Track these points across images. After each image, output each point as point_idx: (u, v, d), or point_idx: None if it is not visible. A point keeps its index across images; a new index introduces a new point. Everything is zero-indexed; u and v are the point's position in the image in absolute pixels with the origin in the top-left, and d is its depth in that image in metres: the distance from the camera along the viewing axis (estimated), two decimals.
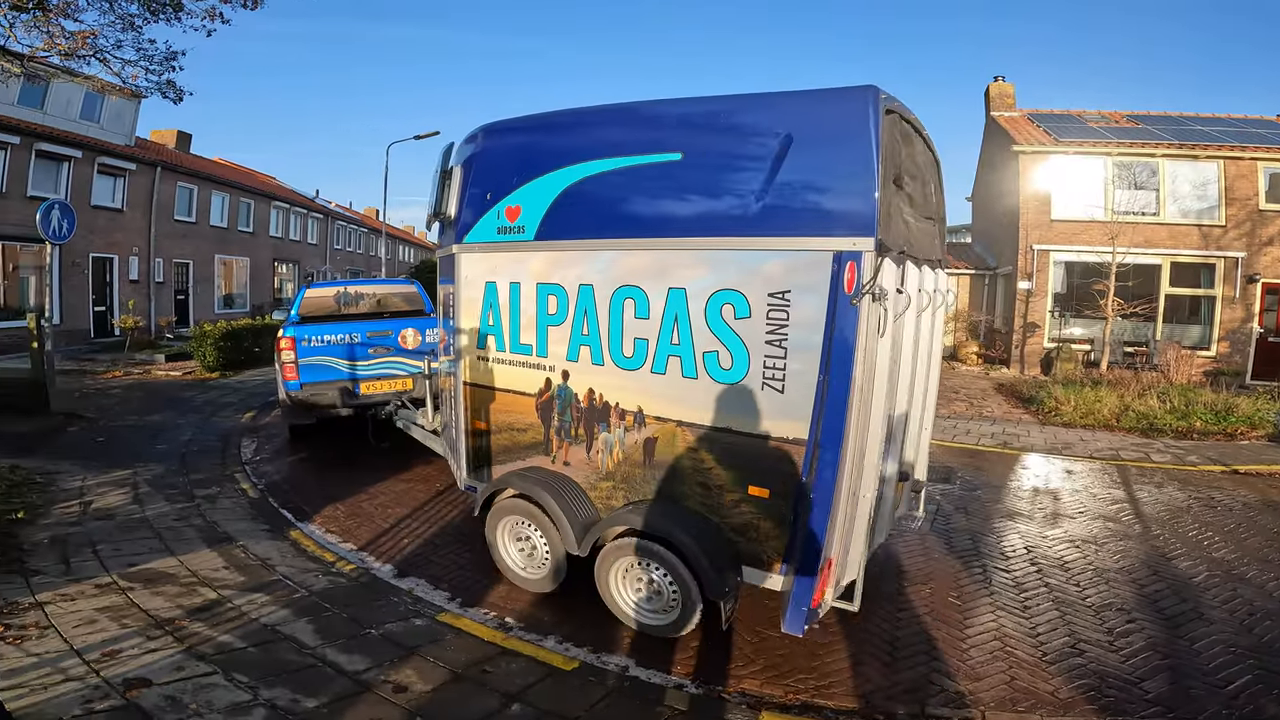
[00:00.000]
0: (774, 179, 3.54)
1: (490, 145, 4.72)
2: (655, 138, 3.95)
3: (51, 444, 8.32)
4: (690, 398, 3.86)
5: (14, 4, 8.92)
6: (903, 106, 3.82)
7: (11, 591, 4.21)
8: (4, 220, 16.57)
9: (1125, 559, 5.53)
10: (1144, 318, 16.68)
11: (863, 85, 3.42)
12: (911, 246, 3.91)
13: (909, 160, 3.97)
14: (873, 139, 3.33)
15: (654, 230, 3.93)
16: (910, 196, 3.99)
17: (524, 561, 4.81)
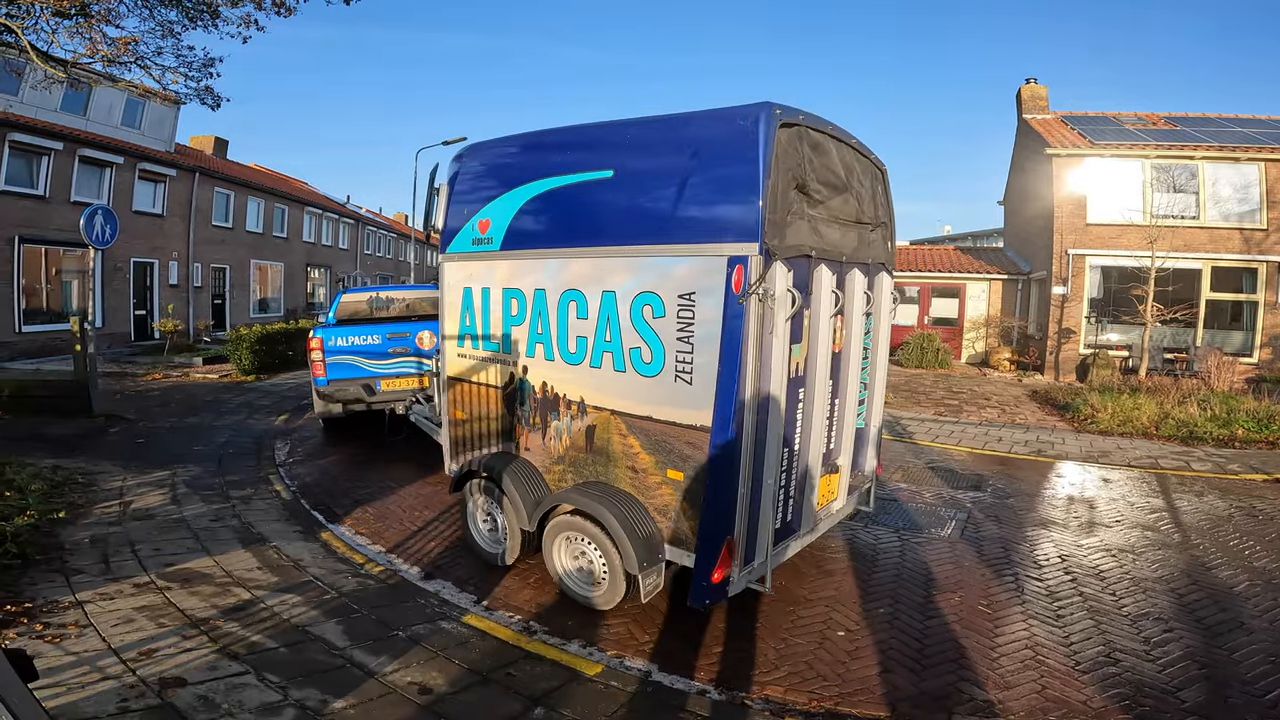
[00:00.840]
0: (683, 192, 3.94)
1: (468, 165, 5.26)
2: (593, 158, 4.42)
3: (93, 445, 8.55)
4: (620, 389, 4.28)
5: (57, 10, 9.19)
6: (814, 120, 4.17)
7: (52, 591, 4.33)
8: (48, 225, 17.06)
9: (1163, 568, 5.42)
10: (1184, 323, 16.30)
11: (757, 103, 3.77)
12: (829, 250, 4.29)
13: (824, 170, 4.27)
14: (760, 153, 3.67)
15: (592, 240, 4.39)
16: (826, 204, 4.30)
17: (488, 538, 5.33)
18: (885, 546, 5.75)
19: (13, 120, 16.02)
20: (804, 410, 4.38)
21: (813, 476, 4.52)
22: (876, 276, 5.06)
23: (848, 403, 4.86)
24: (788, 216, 3.87)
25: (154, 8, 10.43)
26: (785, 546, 4.43)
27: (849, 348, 4.75)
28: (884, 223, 5.17)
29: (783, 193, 3.81)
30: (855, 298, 4.71)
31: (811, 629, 4.33)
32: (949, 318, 21.65)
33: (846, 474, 5.03)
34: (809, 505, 4.55)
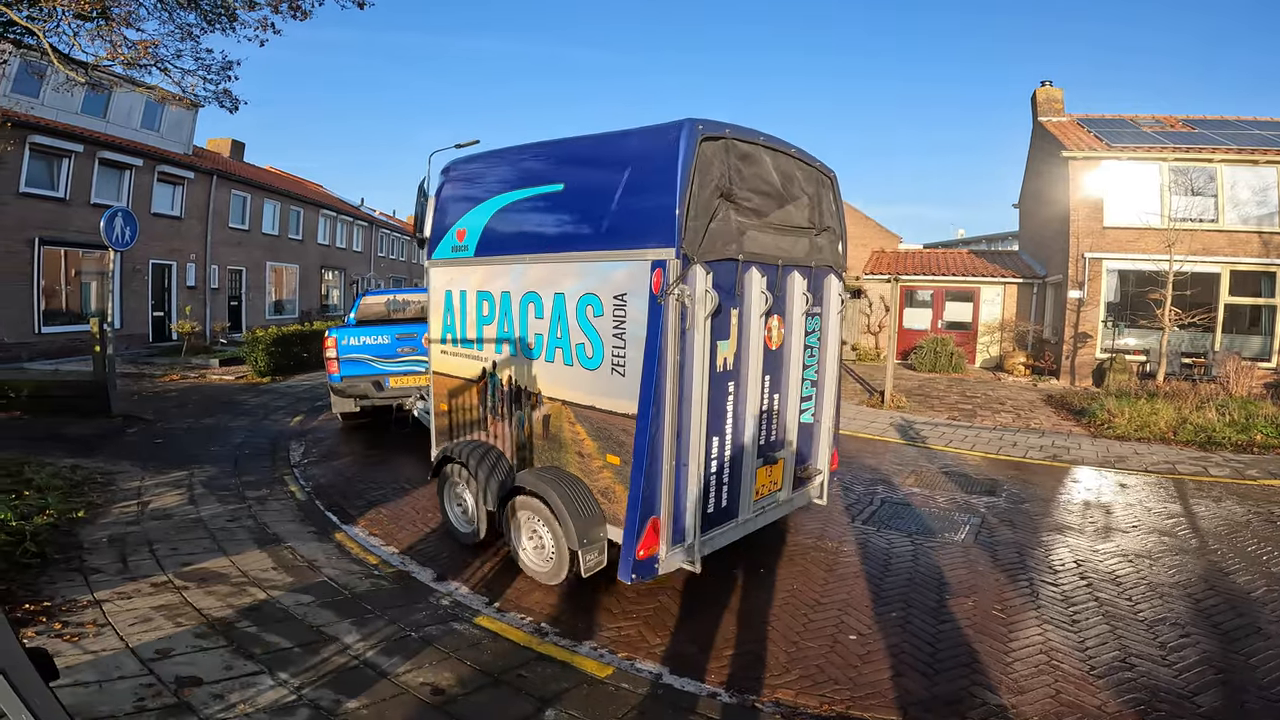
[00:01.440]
0: (618, 202, 4.34)
1: (450, 179, 5.75)
2: (547, 173, 4.93)
3: (112, 444, 8.65)
4: (569, 381, 4.70)
5: (79, 13, 9.32)
6: (743, 131, 4.52)
7: (71, 589, 4.39)
8: (68, 227, 17.28)
9: (1181, 573, 5.38)
10: (1202, 328, 16.12)
11: (679, 120, 4.13)
12: (761, 254, 4.64)
13: (755, 178, 4.61)
14: (678, 166, 4.03)
15: (547, 247, 4.82)
16: (758, 210, 4.64)
17: (460, 518, 5.76)
18: (898, 551, 5.73)
19: (33, 122, 16.22)
20: (735, 402, 4.68)
21: (748, 466, 4.84)
22: (824, 279, 5.46)
23: (789, 398, 5.21)
24: (710, 223, 4.21)
25: (173, 10, 10.57)
26: (723, 531, 4.74)
27: (789, 346, 5.11)
28: (830, 228, 5.47)
29: (705, 201, 4.17)
30: (794, 299, 5.05)
31: (823, 632, 4.32)
32: (963, 322, 21.52)
33: (791, 466, 5.35)
34: (746, 493, 4.87)
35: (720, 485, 4.68)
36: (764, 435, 5.03)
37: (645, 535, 4.14)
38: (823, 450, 5.74)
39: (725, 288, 4.35)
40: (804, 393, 5.39)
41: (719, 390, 4.49)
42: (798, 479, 5.50)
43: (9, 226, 15.53)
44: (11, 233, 15.51)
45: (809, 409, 5.51)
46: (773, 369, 5.00)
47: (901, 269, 22.25)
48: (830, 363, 5.65)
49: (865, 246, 35.87)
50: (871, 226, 39.19)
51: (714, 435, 4.51)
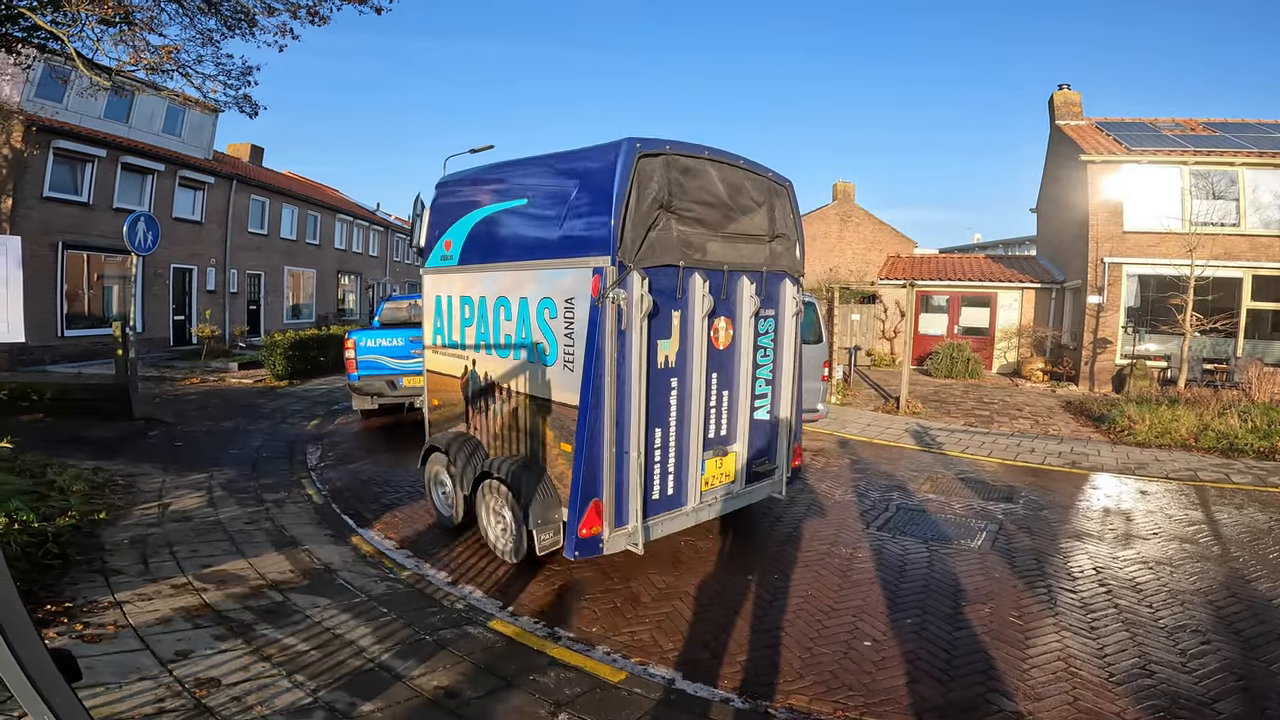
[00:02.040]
0: (569, 215, 4.79)
1: (441, 194, 6.33)
2: (514, 189, 5.43)
3: (133, 447, 8.76)
4: (532, 377, 5.14)
5: (102, 18, 9.47)
6: (686, 147, 4.88)
7: (92, 590, 4.44)
8: (91, 231, 17.51)
9: (1201, 580, 5.32)
10: (1224, 333, 15.92)
11: (620, 140, 4.53)
12: (704, 260, 4.99)
13: (698, 190, 4.97)
14: (614, 182, 4.44)
15: (515, 256, 5.30)
16: (701, 220, 4.99)
17: (443, 502, 6.20)
18: (913, 557, 5.69)
19: (57, 127, 16.47)
20: (678, 397, 5.03)
21: (694, 457, 5.19)
22: (778, 284, 5.81)
23: (740, 395, 5.54)
24: (649, 233, 4.61)
25: (194, 15, 10.73)
26: (672, 518, 5.14)
27: (738, 346, 5.46)
28: (784, 234, 5.77)
29: (644, 213, 4.57)
30: (743, 302, 5.41)
31: (837, 638, 4.31)
32: (980, 327, 21.36)
33: (743, 460, 5.66)
34: (694, 483, 5.23)
35: (665, 474, 5.04)
36: (713, 429, 5.38)
37: (587, 515, 4.55)
38: (782, 447, 6.05)
39: (666, 291, 4.78)
40: (758, 391, 5.75)
41: (661, 385, 4.88)
42: (754, 473, 5.82)
43: (33, 231, 15.75)
44: (35, 237, 15.72)
45: (764, 406, 5.86)
46: (721, 367, 5.36)
47: (917, 274, 22.13)
48: (787, 363, 5.97)
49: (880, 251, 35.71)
50: (886, 231, 38.99)
51: (656, 427, 4.89)
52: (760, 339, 5.65)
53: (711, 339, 5.19)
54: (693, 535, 6.08)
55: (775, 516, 6.68)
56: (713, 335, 5.21)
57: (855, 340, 21.26)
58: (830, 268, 33.62)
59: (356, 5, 10.81)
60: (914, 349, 18.60)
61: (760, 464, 5.87)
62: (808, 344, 10.27)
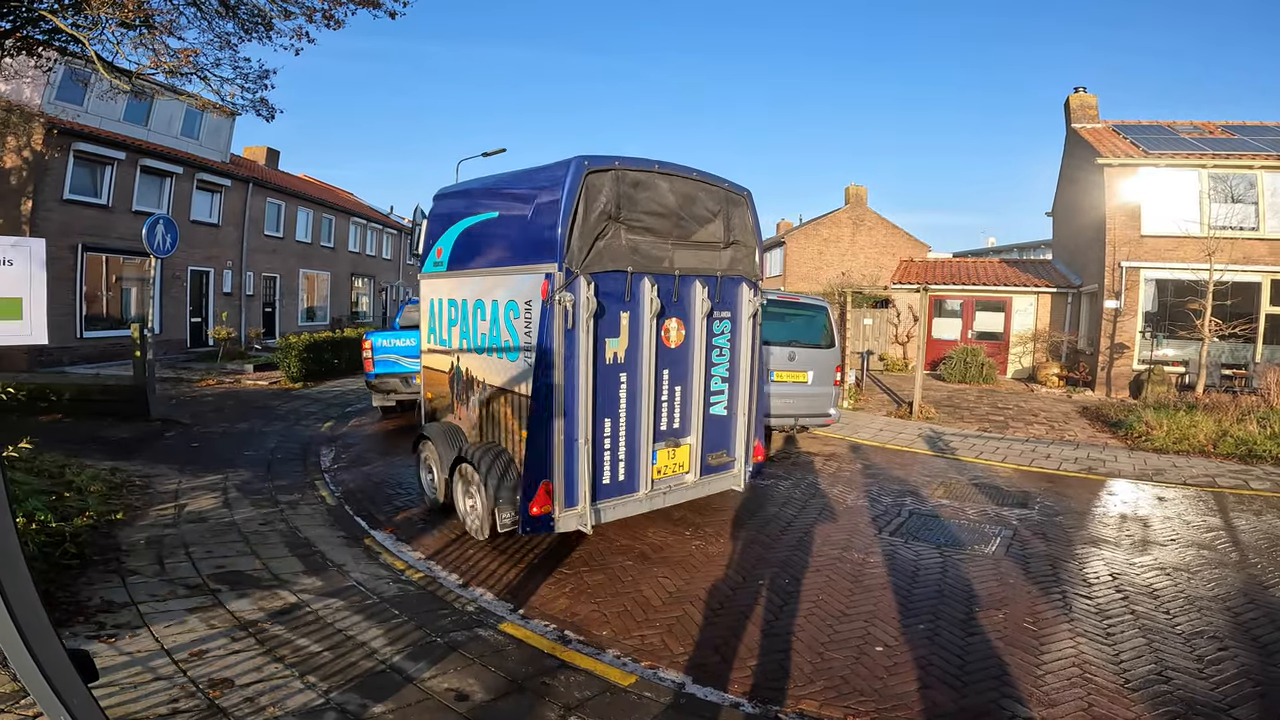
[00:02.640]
0: (527, 226, 5.27)
1: (436, 204, 6.94)
2: (488, 203, 6.00)
3: (150, 448, 8.85)
4: (500, 370, 5.68)
5: (122, 21, 9.58)
6: (636, 162, 5.31)
7: (109, 591, 4.49)
8: (110, 233, 17.73)
9: (1219, 587, 5.27)
10: (1243, 339, 15.74)
11: (570, 158, 4.99)
12: (654, 266, 5.42)
13: (648, 201, 5.39)
14: (563, 197, 4.92)
15: (488, 263, 5.89)
16: (651, 228, 5.41)
17: (430, 485, 6.75)
18: (926, 563, 5.66)
19: (78, 130, 16.67)
20: (627, 390, 5.41)
21: (644, 447, 5.58)
22: (735, 288, 6.17)
23: (694, 390, 5.90)
24: (596, 242, 5.06)
25: (212, 19, 10.84)
26: (624, 502, 5.54)
27: (691, 345, 5.84)
28: (740, 241, 6.13)
29: (592, 224, 5.02)
30: (695, 304, 5.80)
31: (849, 643, 4.29)
32: (994, 332, 21.22)
33: (698, 452, 6.02)
34: (645, 471, 5.62)
35: (617, 461, 5.45)
36: (665, 422, 5.78)
37: (538, 495, 4.99)
38: (739, 441, 6.38)
39: (614, 294, 5.22)
40: (714, 387, 6.12)
41: (610, 379, 5.29)
42: (710, 466, 6.18)
43: (53, 233, 15.96)
44: (55, 239, 15.92)
45: (720, 402, 6.20)
46: (673, 364, 5.75)
47: (930, 278, 22.02)
48: (745, 361, 6.31)
49: (893, 255, 35.59)
50: (900, 235, 38.85)
51: (606, 417, 5.30)
52: (715, 339, 6.05)
53: (662, 338, 5.62)
54: (704, 540, 6.08)
55: (786, 521, 6.66)
56: (664, 335, 5.64)
57: (868, 345, 21.17)
58: (843, 271, 33.53)
59: (370, 9, 10.88)
60: (927, 354, 18.49)
61: (717, 457, 6.25)
62: (820, 349, 10.27)
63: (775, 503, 7.26)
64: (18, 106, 15.22)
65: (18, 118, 14.98)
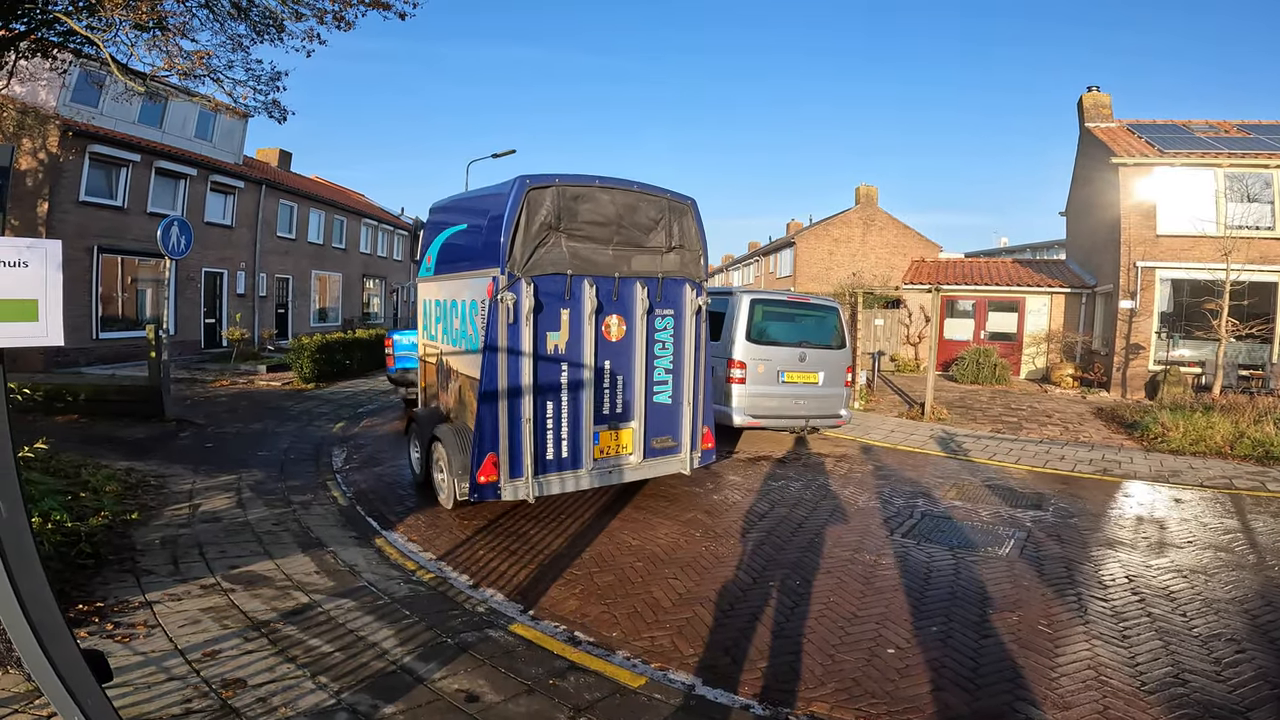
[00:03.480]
0: (483, 236, 6.12)
1: (430, 218, 7.86)
2: (460, 216, 6.98)
3: (165, 448, 8.93)
4: (466, 359, 6.50)
5: (136, 23, 9.65)
6: (576, 178, 6.07)
7: (123, 590, 4.53)
8: (125, 235, 17.88)
9: (1237, 589, 5.22)
10: (1260, 339, 15.57)
11: (515, 178, 5.84)
12: (593, 269, 6.15)
13: (589, 213, 6.12)
14: (505, 211, 5.74)
15: (460, 268, 6.70)
16: (591, 236, 6.14)
17: (416, 461, 7.50)
18: (939, 564, 5.62)
19: (93, 132, 16.81)
20: (568, 378, 6.11)
21: (586, 428, 6.24)
22: (678, 289, 6.78)
23: (636, 379, 6.52)
24: (538, 249, 5.84)
25: (224, 21, 10.91)
26: (568, 476, 6.23)
27: (632, 339, 6.47)
28: (681, 246, 6.75)
29: (533, 234, 5.82)
30: (635, 303, 6.45)
31: (860, 645, 4.26)
32: (1007, 332, 21.09)
33: (640, 435, 6.61)
34: (587, 450, 6.28)
35: (559, 439, 6.13)
36: (606, 406, 6.40)
37: (484, 466, 5.75)
38: (685, 428, 6.91)
39: (555, 294, 5.97)
40: (657, 378, 6.71)
41: (551, 367, 6.00)
42: (655, 449, 6.77)
43: (69, 235, 16.11)
44: (72, 240, 16.07)
45: (665, 391, 6.78)
46: (614, 356, 6.38)
47: (942, 278, 21.90)
48: (689, 355, 6.87)
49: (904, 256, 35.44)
50: (911, 235, 38.68)
51: (547, 400, 6.01)
52: (658, 334, 6.67)
53: (603, 333, 6.28)
54: (714, 541, 6.07)
55: (797, 523, 6.64)
56: (604, 330, 6.29)
57: (879, 345, 21.09)
58: (854, 272, 33.39)
59: (380, 11, 10.92)
60: (939, 354, 18.39)
61: (662, 441, 6.82)
62: (831, 349, 10.24)
63: (786, 504, 7.24)
64: (33, 109, 15.37)
65: (33, 120, 15.13)
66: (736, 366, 9.66)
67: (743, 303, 9.87)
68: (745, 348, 9.70)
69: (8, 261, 1.90)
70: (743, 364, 9.66)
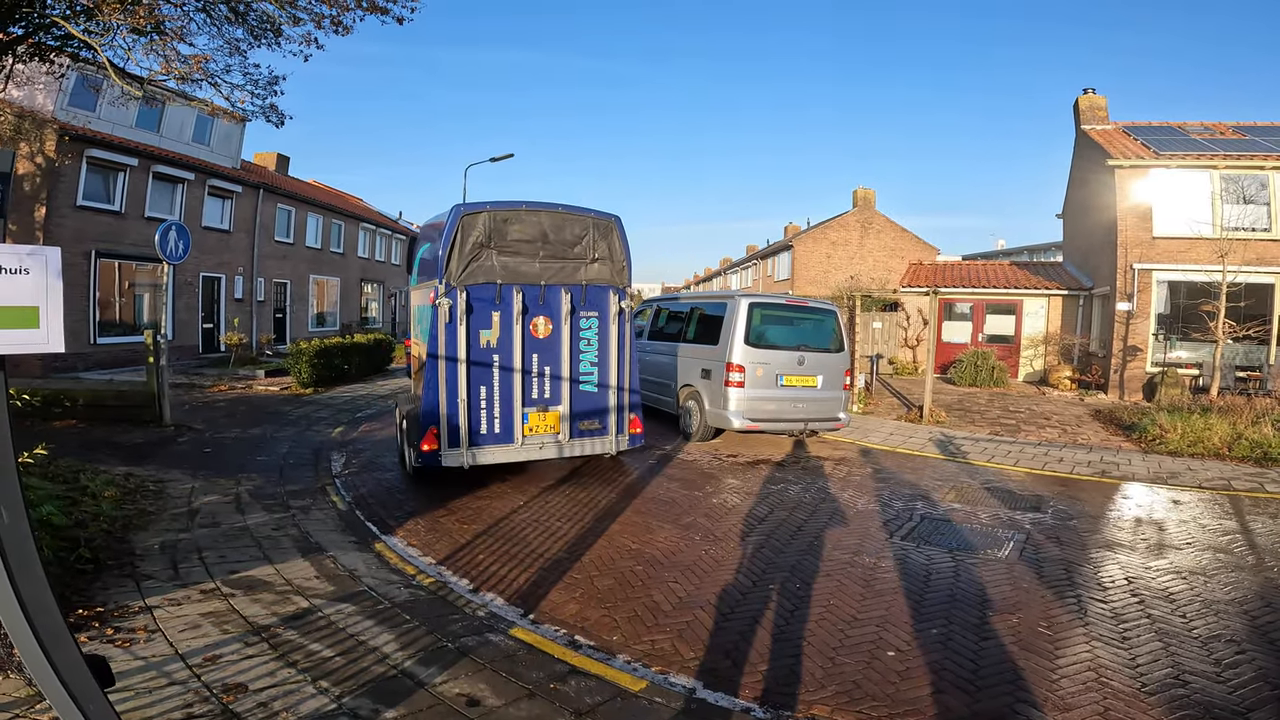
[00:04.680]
0: (439, 253, 7.20)
1: (419, 233, 9.20)
2: (430, 235, 8.18)
3: (164, 453, 8.91)
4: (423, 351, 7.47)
5: (134, 27, 9.63)
6: (505, 205, 7.36)
7: (123, 595, 4.52)
8: (123, 240, 17.87)
9: (1236, 590, 5.23)
10: (1257, 340, 15.61)
11: (451, 207, 7.25)
12: (521, 278, 7.36)
13: (517, 232, 7.35)
14: (445, 234, 7.10)
15: (424, 279, 8.01)
16: (519, 251, 7.36)
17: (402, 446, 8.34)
18: (938, 567, 5.63)
19: (90, 136, 16.77)
20: (498, 367, 7.27)
21: (516, 409, 7.38)
22: (602, 294, 7.80)
23: (562, 370, 7.58)
24: (471, 263, 7.13)
25: (221, 25, 10.89)
26: (500, 449, 7.37)
27: (559, 336, 7.55)
28: (603, 258, 7.80)
29: (468, 251, 7.11)
30: (561, 306, 7.54)
31: (860, 648, 4.26)
32: (1005, 335, 21.13)
33: (566, 418, 7.63)
34: (517, 427, 7.40)
35: (492, 418, 7.29)
36: (535, 392, 7.48)
37: (426, 437, 7.01)
38: (611, 413, 7.93)
39: (487, 299, 7.21)
40: (583, 369, 7.75)
41: (484, 358, 7.21)
42: (581, 430, 7.77)
43: (67, 239, 16.11)
44: (69, 245, 16.04)
45: (590, 380, 7.80)
46: (542, 350, 7.49)
47: (940, 281, 21.95)
48: (614, 351, 7.90)
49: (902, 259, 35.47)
50: (908, 238, 38.74)
51: (481, 385, 7.21)
52: (583, 333, 7.71)
53: (531, 331, 7.41)
54: (713, 544, 6.07)
55: (796, 526, 6.64)
56: (532, 328, 7.42)
57: (877, 348, 21.11)
58: (851, 275, 33.42)
59: (378, 15, 10.92)
60: (937, 357, 18.40)
61: (587, 424, 7.81)
62: (829, 353, 10.26)
63: (786, 507, 7.24)
64: (30, 113, 15.36)
65: (30, 124, 15.12)
66: (735, 370, 9.67)
67: (741, 306, 9.88)
68: (744, 351, 9.71)
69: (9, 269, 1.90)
70: (741, 367, 9.67)
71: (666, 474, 8.62)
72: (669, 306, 12.63)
